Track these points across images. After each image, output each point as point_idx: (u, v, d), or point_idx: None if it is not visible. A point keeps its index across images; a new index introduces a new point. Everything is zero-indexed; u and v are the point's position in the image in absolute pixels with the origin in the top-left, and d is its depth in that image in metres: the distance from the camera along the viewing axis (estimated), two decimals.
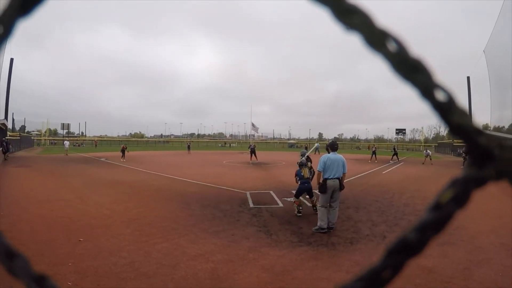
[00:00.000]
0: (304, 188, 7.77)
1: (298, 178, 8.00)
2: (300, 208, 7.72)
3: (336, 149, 6.84)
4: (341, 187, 6.67)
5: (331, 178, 6.51)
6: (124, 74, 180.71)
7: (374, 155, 29.07)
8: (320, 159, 6.71)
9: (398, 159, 29.20)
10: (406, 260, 0.24)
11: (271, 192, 10.69)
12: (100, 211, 7.68)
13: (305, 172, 7.91)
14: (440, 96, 0.23)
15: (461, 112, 0.24)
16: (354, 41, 0.24)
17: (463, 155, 23.51)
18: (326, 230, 6.29)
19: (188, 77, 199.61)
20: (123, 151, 25.83)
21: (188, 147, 42.07)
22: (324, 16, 0.25)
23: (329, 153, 6.78)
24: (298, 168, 8.14)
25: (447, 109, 0.24)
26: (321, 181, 6.63)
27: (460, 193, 0.24)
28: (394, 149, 31.19)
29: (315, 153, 35.45)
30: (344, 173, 6.73)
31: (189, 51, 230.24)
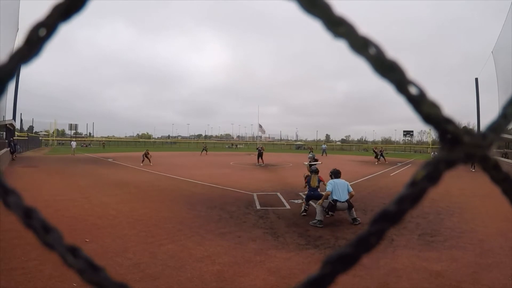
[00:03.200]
0: (312, 196, 7.99)
1: (306, 184, 8.28)
2: (307, 207, 7.88)
3: (339, 176, 7.66)
4: (351, 205, 7.25)
5: (341, 202, 7.15)
6: (131, 73, 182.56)
7: (382, 157, 28.49)
8: (328, 183, 7.47)
9: (384, 159, 28.67)
10: (387, 228, 0.28)
11: (278, 194, 10.64)
12: (106, 211, 7.70)
13: (314, 181, 8.06)
14: (412, 90, 0.28)
15: (431, 103, 0.28)
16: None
17: None
18: (323, 225, 6.88)
19: (195, 76, 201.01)
20: (146, 155, 22.03)
21: (205, 149, 41.08)
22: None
23: (332, 179, 7.61)
24: (309, 173, 8.46)
25: (418, 101, 0.28)
26: (329, 199, 7.21)
27: (432, 172, 0.28)
28: (374, 150, 30.74)
29: (322, 155, 35.40)
30: (350, 192, 7.35)
31: (196, 48, 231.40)
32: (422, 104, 0.28)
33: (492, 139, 0.29)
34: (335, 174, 7.71)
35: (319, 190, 8.10)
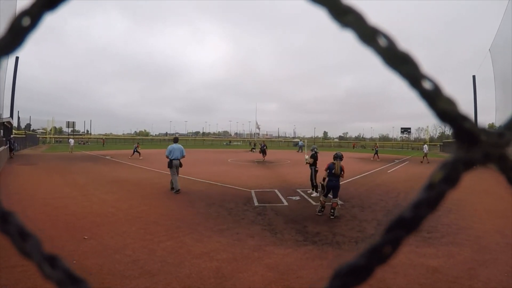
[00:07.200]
0: (332, 186, 7.55)
1: (327, 173, 7.65)
2: (323, 209, 7.65)
3: (177, 141, 10.88)
4: (181, 164, 10.46)
5: (174, 159, 10.26)
6: (128, 69, 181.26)
7: (376, 154, 29.16)
8: (167, 148, 10.55)
9: (377, 156, 29.22)
10: (404, 236, 0.26)
11: (276, 190, 10.68)
12: (104, 208, 7.72)
13: (338, 167, 7.54)
14: (426, 85, 0.26)
15: (446, 99, 0.26)
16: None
17: None
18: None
19: (194, 71, 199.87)
20: (136, 149, 25.62)
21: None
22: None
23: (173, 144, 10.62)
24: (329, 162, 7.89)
25: (433, 97, 0.26)
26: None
27: (450, 174, 0.26)
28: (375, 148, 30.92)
29: (298, 152, 36.06)
30: (183, 156, 10.58)
31: (195, 42, 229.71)
32: (437, 100, 0.26)
33: (509, 137, 0.27)
34: (175, 140, 10.86)
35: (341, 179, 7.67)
